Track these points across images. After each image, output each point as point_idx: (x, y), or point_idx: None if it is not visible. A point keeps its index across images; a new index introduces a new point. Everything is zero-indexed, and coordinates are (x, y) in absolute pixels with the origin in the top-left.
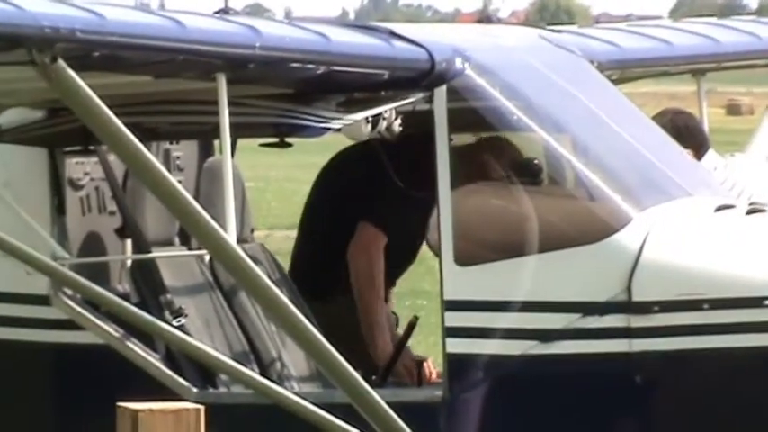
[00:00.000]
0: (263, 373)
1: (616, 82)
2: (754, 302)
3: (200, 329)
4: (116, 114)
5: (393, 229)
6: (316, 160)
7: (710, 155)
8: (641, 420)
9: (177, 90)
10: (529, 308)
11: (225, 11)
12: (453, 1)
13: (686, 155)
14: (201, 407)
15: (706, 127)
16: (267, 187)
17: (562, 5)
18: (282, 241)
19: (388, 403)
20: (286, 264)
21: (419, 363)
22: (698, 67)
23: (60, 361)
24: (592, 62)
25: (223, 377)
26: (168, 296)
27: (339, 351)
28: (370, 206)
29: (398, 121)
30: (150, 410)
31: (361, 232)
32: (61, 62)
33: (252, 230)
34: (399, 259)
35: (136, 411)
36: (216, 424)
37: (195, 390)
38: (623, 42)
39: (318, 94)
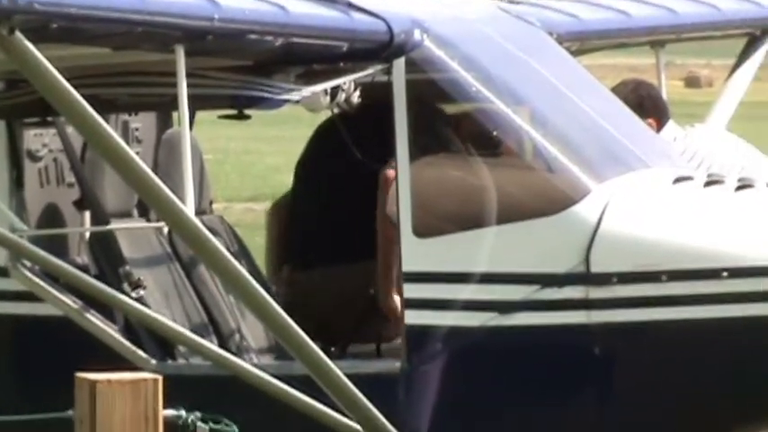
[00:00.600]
0: (221, 345)
1: (575, 53)
2: (713, 274)
3: (159, 301)
4: (74, 86)
5: None
6: (275, 133)
7: (671, 126)
8: (600, 391)
9: (136, 62)
10: (488, 279)
11: None
12: None
13: (645, 126)
14: (159, 377)
15: (665, 93)
16: (226, 159)
17: None
18: (241, 213)
19: (346, 375)
20: (245, 236)
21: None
22: (657, 38)
23: (19, 333)
24: (551, 34)
25: (182, 349)
26: (127, 268)
27: (312, 321)
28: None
29: (357, 92)
30: (108, 381)
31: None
32: (19, 34)
33: (210, 202)
34: None
35: (94, 382)
36: (174, 395)
37: (154, 361)
38: (582, 14)
39: (277, 65)
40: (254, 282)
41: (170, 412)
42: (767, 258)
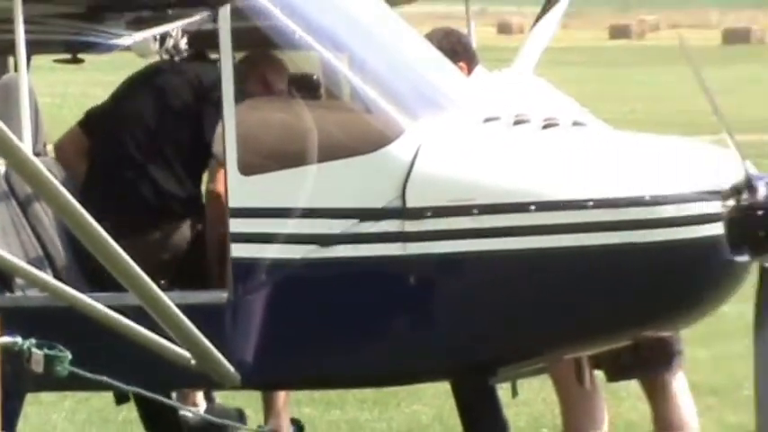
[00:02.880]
0: (57, 278)
1: (391, 3)
2: (521, 208)
3: None
4: None
5: None
6: (111, 78)
7: (479, 70)
8: (415, 319)
9: None
10: (309, 214)
11: None
12: None
13: (457, 70)
14: None
15: (474, 44)
16: (64, 103)
17: None
18: None
19: (176, 305)
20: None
21: None
22: None
23: None
24: None
25: (19, 282)
26: None
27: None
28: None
29: (185, 39)
30: None
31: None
32: None
33: (45, 145)
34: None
35: None
36: (12, 326)
37: None
38: None
39: (108, 11)
40: (88, 217)
41: (6, 339)
42: (572, 192)
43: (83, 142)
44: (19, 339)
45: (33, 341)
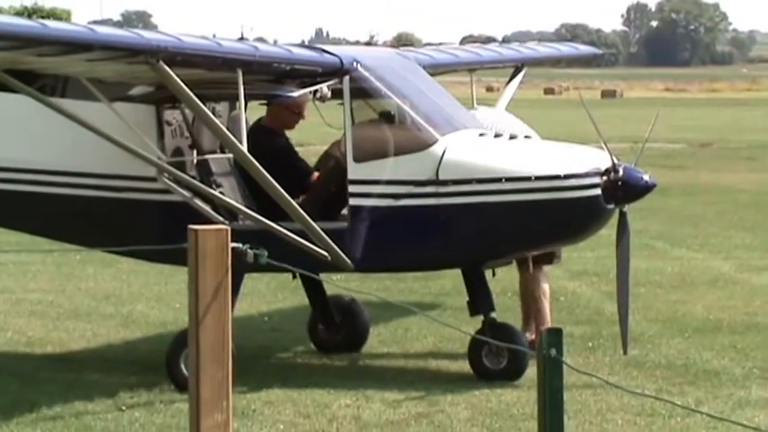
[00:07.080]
0: (260, 215)
1: (432, 74)
2: (498, 179)
3: None
4: (189, 88)
5: None
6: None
7: (479, 106)
8: (444, 236)
9: (220, 76)
10: (389, 183)
11: (241, 38)
12: (356, 35)
13: (466, 109)
14: None
15: (475, 97)
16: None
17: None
18: None
19: (322, 230)
20: None
21: None
22: (471, 67)
23: None
24: (420, 64)
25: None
26: None
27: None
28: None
29: (329, 92)
30: None
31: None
32: (162, 62)
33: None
34: None
35: None
36: (236, 238)
37: None
38: (435, 55)
39: (286, 79)
40: (281, 189)
41: (234, 245)
42: (524, 171)
43: None
44: (240, 245)
45: (248, 246)
